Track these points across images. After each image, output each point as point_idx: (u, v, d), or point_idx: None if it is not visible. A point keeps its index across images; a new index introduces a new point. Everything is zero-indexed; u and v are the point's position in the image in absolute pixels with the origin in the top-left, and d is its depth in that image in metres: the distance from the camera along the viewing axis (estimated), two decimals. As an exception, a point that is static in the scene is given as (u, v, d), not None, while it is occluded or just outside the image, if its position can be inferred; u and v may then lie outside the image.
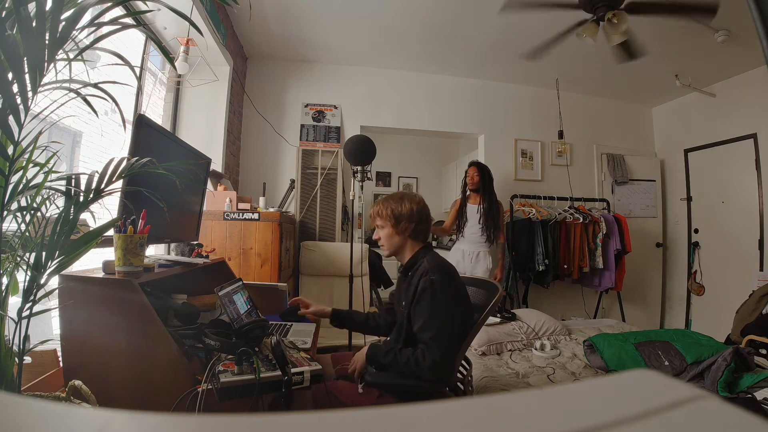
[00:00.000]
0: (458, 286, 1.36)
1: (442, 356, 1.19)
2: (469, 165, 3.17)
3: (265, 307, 1.76)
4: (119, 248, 1.07)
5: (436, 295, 1.23)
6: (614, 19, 2.07)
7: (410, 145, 5.75)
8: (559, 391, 0.21)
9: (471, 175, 3.09)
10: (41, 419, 0.19)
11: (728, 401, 0.19)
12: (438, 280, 1.25)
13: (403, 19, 2.90)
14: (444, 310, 1.24)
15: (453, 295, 1.30)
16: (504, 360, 2.26)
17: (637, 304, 4.10)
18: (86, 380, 0.94)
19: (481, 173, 3.07)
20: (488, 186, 3.07)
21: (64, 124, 1.67)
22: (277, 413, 0.19)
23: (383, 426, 0.18)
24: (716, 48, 2.97)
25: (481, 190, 3.05)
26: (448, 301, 1.25)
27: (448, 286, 1.27)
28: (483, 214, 3.01)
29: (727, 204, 3.67)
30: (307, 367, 1.05)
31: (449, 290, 1.28)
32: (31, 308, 0.80)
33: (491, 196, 3.06)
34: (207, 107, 2.88)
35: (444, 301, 1.24)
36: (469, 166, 3.15)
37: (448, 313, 1.25)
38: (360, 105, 3.68)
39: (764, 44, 0.68)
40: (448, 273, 1.31)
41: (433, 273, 1.26)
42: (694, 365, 1.86)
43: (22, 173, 0.80)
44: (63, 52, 0.80)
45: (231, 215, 2.29)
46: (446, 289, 1.26)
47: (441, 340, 1.20)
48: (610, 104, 4.27)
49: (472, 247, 3.05)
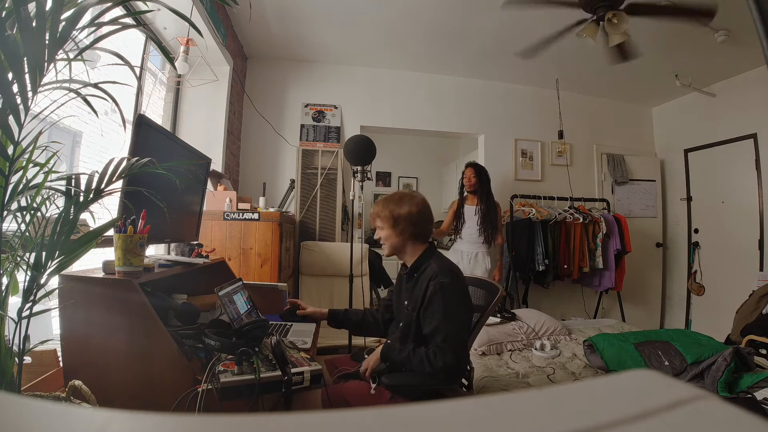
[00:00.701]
0: (466, 289, 1.37)
1: (455, 358, 1.21)
2: (465, 166, 3.16)
3: (265, 307, 1.76)
4: (119, 248, 1.07)
5: (447, 298, 1.24)
6: (614, 20, 2.07)
7: (410, 145, 5.75)
8: (559, 391, 0.21)
9: (468, 177, 3.08)
10: (41, 419, 0.19)
11: (728, 401, 0.19)
12: (448, 284, 1.25)
13: (403, 19, 2.90)
14: (455, 314, 1.25)
15: (462, 298, 1.31)
16: (504, 360, 2.26)
17: (637, 304, 4.09)
18: (86, 380, 0.94)
19: (477, 174, 3.05)
20: (485, 187, 3.05)
21: (64, 124, 1.67)
22: (277, 413, 0.19)
23: (384, 426, 0.18)
24: (716, 48, 2.96)
25: (479, 191, 3.05)
26: (458, 304, 1.27)
27: (458, 289, 1.29)
28: (480, 216, 3.00)
29: (727, 204, 3.67)
30: (307, 367, 1.05)
31: (459, 293, 1.29)
32: (31, 308, 0.80)
33: (488, 197, 3.05)
34: (207, 107, 2.88)
35: (455, 304, 1.25)
36: (466, 168, 3.13)
37: (459, 317, 1.27)
38: (360, 105, 3.68)
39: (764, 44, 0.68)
40: (457, 276, 1.32)
41: (442, 276, 1.26)
42: (694, 365, 1.86)
43: (22, 173, 0.80)
44: (63, 52, 0.80)
45: (231, 215, 2.29)
46: (456, 292, 1.27)
47: (453, 342, 1.22)
48: (610, 104, 4.27)
49: (471, 248, 3.04)
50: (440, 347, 1.21)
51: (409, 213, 1.35)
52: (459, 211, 3.10)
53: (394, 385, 1.25)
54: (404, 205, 1.36)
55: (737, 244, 3.53)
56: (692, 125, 3.98)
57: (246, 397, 0.96)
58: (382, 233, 1.40)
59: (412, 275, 1.39)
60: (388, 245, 1.40)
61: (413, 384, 1.27)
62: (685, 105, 4.05)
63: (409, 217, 1.36)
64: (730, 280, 3.56)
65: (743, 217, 3.49)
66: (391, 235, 1.37)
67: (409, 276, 1.41)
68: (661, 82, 3.72)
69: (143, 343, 1.05)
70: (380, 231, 1.41)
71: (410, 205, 1.37)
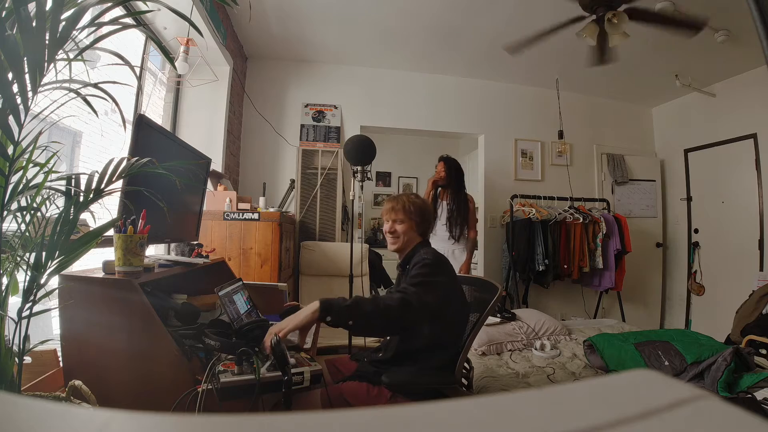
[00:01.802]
0: (450, 271, 1.39)
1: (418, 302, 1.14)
2: (438, 160, 3.05)
3: (265, 307, 1.76)
4: (119, 248, 1.07)
5: (428, 269, 1.27)
6: (614, 20, 2.08)
7: (410, 145, 5.74)
8: (559, 391, 0.21)
9: (438, 171, 2.97)
10: (41, 419, 0.19)
11: (728, 401, 0.19)
12: (432, 261, 1.30)
13: (403, 19, 2.90)
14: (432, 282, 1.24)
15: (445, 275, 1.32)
16: (504, 360, 2.26)
17: (637, 304, 4.09)
18: (86, 380, 0.94)
19: (447, 168, 2.94)
20: (455, 181, 2.95)
21: (64, 124, 1.67)
22: (277, 413, 0.19)
23: (383, 426, 0.18)
24: (716, 48, 2.96)
25: (449, 185, 2.94)
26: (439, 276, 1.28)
27: (442, 267, 1.33)
28: (448, 212, 2.91)
29: (727, 204, 3.67)
30: (307, 367, 1.05)
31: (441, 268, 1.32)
32: (31, 308, 0.80)
33: (459, 191, 2.95)
34: (207, 107, 2.88)
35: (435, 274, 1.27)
36: (438, 161, 3.03)
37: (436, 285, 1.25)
38: (360, 105, 3.68)
39: (764, 44, 0.68)
40: (441, 258, 1.37)
41: (426, 255, 1.33)
42: (694, 365, 1.86)
43: (22, 173, 0.80)
44: (63, 52, 0.80)
45: (231, 215, 2.29)
46: (438, 267, 1.31)
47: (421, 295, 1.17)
48: (610, 104, 4.27)
49: (444, 245, 2.96)
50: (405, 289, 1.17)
51: (424, 206, 1.46)
52: (433, 206, 2.99)
53: (394, 383, 1.25)
54: (419, 199, 1.47)
55: (737, 244, 3.53)
56: (692, 125, 3.98)
57: (246, 397, 0.96)
58: (402, 227, 1.42)
59: (405, 266, 1.42)
60: (404, 238, 1.42)
61: (413, 382, 1.27)
62: (685, 105, 4.05)
63: (423, 210, 1.45)
64: (730, 280, 3.56)
65: (743, 217, 3.49)
66: (410, 228, 1.42)
67: (403, 267, 1.44)
68: (661, 82, 3.72)
69: (143, 343, 1.05)
70: (398, 225, 1.43)
71: (422, 200, 1.48)
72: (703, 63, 3.33)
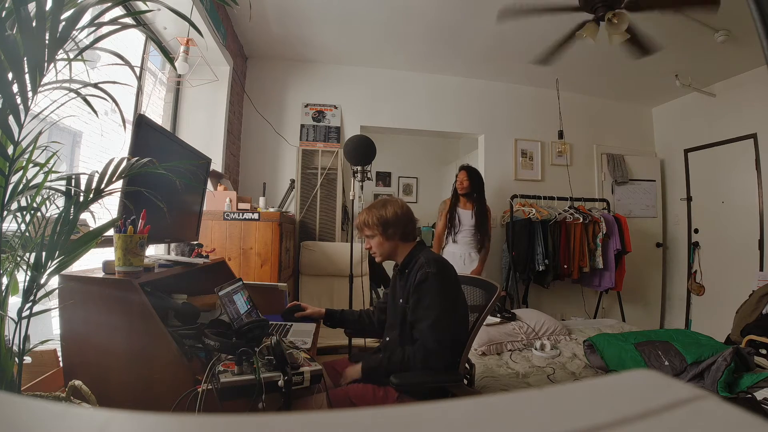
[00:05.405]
0: (454, 279, 1.38)
1: (437, 344, 1.23)
2: (459, 169, 3.10)
3: (265, 307, 1.76)
4: (119, 248, 1.07)
5: (434, 286, 1.27)
6: (614, 19, 2.07)
7: (410, 145, 5.74)
8: (559, 391, 0.21)
9: (460, 180, 3.03)
10: (41, 419, 0.19)
11: (728, 401, 0.19)
12: (434, 273, 1.29)
13: (403, 19, 2.90)
14: (441, 301, 1.27)
15: (450, 287, 1.33)
16: (504, 360, 2.26)
17: (637, 304, 4.09)
18: (86, 380, 0.94)
19: (470, 178, 3.01)
20: (479, 190, 3.01)
21: (64, 124, 1.67)
22: (277, 413, 0.19)
23: (383, 426, 0.18)
24: (716, 48, 2.96)
25: (473, 194, 3.00)
26: (445, 291, 1.29)
27: (445, 278, 1.32)
28: (476, 219, 2.96)
29: (727, 204, 3.67)
30: (307, 368, 1.05)
31: (446, 282, 1.31)
32: (31, 308, 0.80)
33: (481, 200, 3.01)
34: (207, 107, 2.88)
35: (441, 291, 1.27)
36: (459, 170, 3.08)
37: (445, 304, 1.28)
38: (360, 105, 3.68)
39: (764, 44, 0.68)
40: (444, 266, 1.35)
41: (429, 266, 1.30)
42: (694, 365, 1.86)
43: (22, 173, 0.80)
44: (63, 52, 0.80)
45: (231, 215, 2.29)
46: (443, 280, 1.30)
47: (437, 328, 1.24)
48: (610, 104, 4.27)
49: (465, 249, 2.99)
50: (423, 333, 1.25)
51: (395, 214, 1.39)
52: (452, 213, 3.04)
53: (402, 384, 1.25)
54: (389, 207, 1.40)
55: (737, 244, 3.53)
56: (692, 125, 3.98)
57: (246, 397, 0.96)
58: (373, 241, 1.41)
59: (404, 271, 1.41)
60: (379, 252, 1.42)
61: (420, 382, 1.28)
62: (685, 105, 4.05)
63: (396, 219, 1.39)
64: (730, 280, 3.56)
65: (743, 217, 3.49)
66: (382, 241, 1.40)
67: (401, 272, 1.43)
68: (661, 82, 3.71)
69: (143, 343, 1.05)
70: (370, 240, 1.42)
71: (394, 207, 1.40)
72: (703, 63, 3.33)
